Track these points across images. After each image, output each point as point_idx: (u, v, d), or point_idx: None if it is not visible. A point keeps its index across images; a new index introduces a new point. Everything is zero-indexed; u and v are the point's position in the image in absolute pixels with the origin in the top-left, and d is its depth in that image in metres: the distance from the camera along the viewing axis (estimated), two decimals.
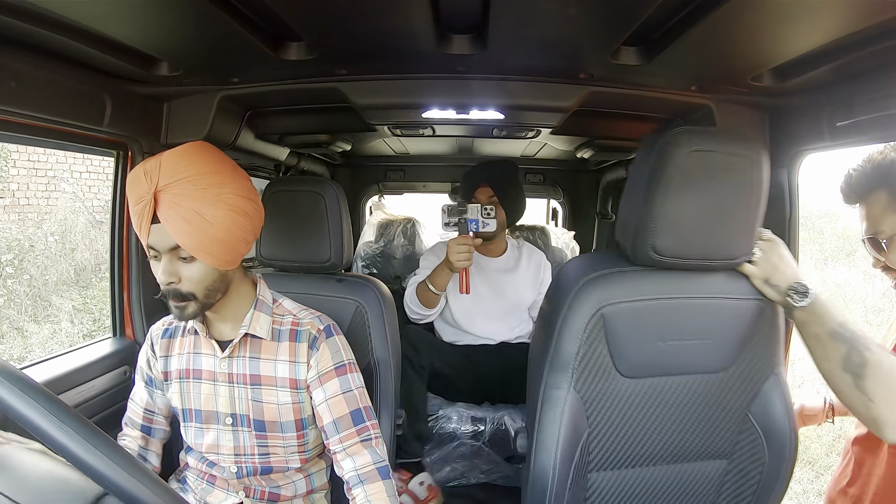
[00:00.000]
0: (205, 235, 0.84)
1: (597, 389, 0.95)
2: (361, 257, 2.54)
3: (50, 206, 5.01)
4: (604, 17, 0.86)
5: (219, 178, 0.85)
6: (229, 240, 0.87)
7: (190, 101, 1.30)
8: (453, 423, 1.63)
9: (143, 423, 1.07)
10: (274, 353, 1.00)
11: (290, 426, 1.01)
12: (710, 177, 0.85)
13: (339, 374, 1.01)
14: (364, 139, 2.02)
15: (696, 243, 0.88)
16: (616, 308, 0.92)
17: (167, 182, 0.82)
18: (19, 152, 4.80)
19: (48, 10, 0.80)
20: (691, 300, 0.94)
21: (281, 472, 1.04)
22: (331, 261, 1.23)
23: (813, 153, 1.23)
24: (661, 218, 0.86)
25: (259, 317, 1.00)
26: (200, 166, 0.84)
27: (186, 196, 0.82)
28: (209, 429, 1.01)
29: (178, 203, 0.82)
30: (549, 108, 1.29)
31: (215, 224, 0.84)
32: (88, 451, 0.45)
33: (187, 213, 0.82)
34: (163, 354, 1.04)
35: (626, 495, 1.02)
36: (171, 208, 0.82)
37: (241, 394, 1.00)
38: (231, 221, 0.86)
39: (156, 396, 1.06)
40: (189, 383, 1.02)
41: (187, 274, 0.87)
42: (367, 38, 1.00)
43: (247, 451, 1.01)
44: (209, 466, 1.05)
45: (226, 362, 0.99)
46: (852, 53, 0.89)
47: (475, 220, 1.51)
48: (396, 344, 1.28)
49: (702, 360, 0.98)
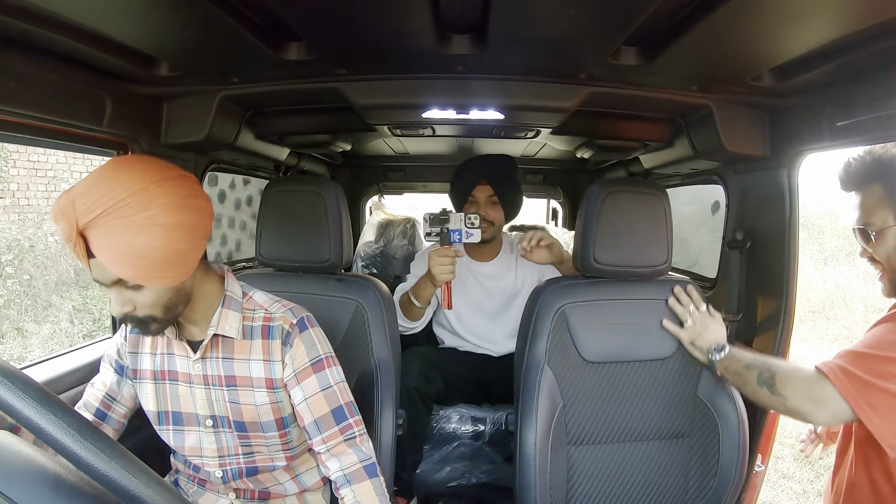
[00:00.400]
0: (146, 261, 0.76)
1: (566, 368, 1.22)
2: (361, 257, 2.54)
3: (50, 206, 5.00)
4: (604, 18, 0.86)
5: (142, 197, 0.75)
6: (173, 258, 0.79)
7: (190, 101, 1.30)
8: (453, 423, 1.63)
9: (99, 407, 1.00)
10: (247, 352, 0.95)
11: (271, 426, 0.97)
12: (625, 210, 1.22)
13: (315, 370, 0.96)
14: (364, 139, 2.02)
15: (623, 255, 1.22)
16: (573, 306, 1.22)
17: (87, 220, 0.73)
18: (19, 152, 4.81)
19: (48, 10, 0.80)
20: (630, 301, 1.26)
21: (268, 473, 1.02)
22: (330, 261, 1.22)
23: (813, 153, 1.23)
24: (598, 239, 1.21)
25: (227, 315, 0.94)
26: (118, 192, 0.74)
27: (112, 229, 0.73)
28: (190, 431, 0.98)
29: (106, 239, 0.74)
30: (549, 108, 1.28)
31: (154, 248, 0.76)
32: (89, 451, 0.45)
33: (119, 245, 0.74)
34: (131, 350, 0.99)
35: (603, 471, 1.24)
36: (101, 245, 0.74)
37: (218, 395, 0.96)
38: (170, 240, 0.77)
39: (123, 386, 1.01)
40: (165, 384, 0.97)
41: (140, 300, 0.81)
42: (367, 38, 1.00)
43: (230, 452, 0.98)
44: (195, 470, 1.03)
45: (199, 364, 0.95)
46: (852, 53, 0.89)
47: (458, 231, 1.42)
48: (397, 344, 1.28)
49: (649, 349, 1.25)
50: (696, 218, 2.05)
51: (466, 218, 1.42)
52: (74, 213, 0.73)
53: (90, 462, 0.45)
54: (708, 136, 1.33)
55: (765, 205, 1.37)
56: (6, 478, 0.46)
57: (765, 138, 1.30)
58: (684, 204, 2.08)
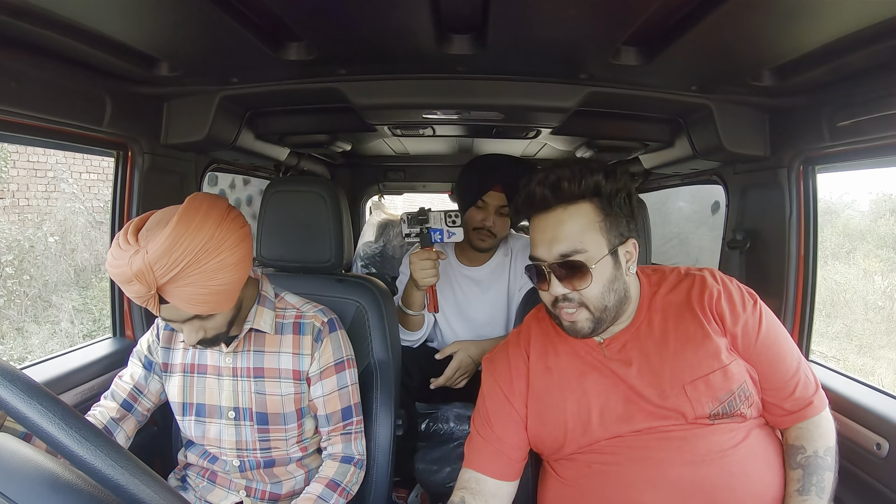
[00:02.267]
0: (219, 296, 0.85)
1: None
2: (361, 257, 2.54)
3: (50, 206, 5.00)
4: (604, 18, 0.86)
5: (212, 244, 0.82)
6: (239, 285, 0.89)
7: (190, 101, 1.30)
8: (451, 423, 1.63)
9: (127, 398, 1.05)
10: (277, 345, 1.03)
11: (292, 416, 1.04)
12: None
13: (337, 370, 1.05)
14: (364, 139, 2.01)
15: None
16: None
17: (166, 279, 0.79)
18: (19, 153, 4.80)
19: (48, 10, 0.80)
20: None
21: (283, 466, 1.06)
22: (331, 261, 1.22)
23: (813, 153, 1.23)
24: None
25: (262, 312, 1.03)
26: (192, 246, 0.80)
27: (191, 279, 0.81)
28: (211, 422, 1.04)
29: (184, 289, 0.81)
30: (550, 108, 1.28)
31: (226, 283, 0.85)
32: (87, 450, 0.45)
33: (196, 290, 0.82)
34: (165, 346, 1.06)
35: None
36: (178, 294, 0.82)
37: (245, 387, 1.02)
38: (237, 272, 0.87)
39: (150, 381, 1.07)
40: (193, 377, 1.04)
41: (211, 325, 0.91)
42: (367, 39, 1.00)
43: (248, 446, 1.03)
44: (211, 462, 1.06)
45: (230, 357, 1.02)
46: (852, 53, 0.89)
47: (439, 230, 1.31)
48: (397, 344, 1.28)
49: None
50: (697, 217, 2.05)
51: (447, 216, 1.30)
52: (154, 276, 0.79)
53: (91, 461, 0.45)
54: (708, 137, 1.33)
55: (765, 205, 1.37)
56: (4, 476, 0.46)
57: (765, 138, 1.30)
58: (685, 203, 2.08)
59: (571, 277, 0.86)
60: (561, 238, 0.86)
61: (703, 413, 0.85)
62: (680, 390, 0.86)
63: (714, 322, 0.90)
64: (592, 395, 0.91)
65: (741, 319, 0.89)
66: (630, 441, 0.87)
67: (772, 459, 0.87)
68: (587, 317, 0.88)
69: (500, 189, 1.45)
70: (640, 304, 0.94)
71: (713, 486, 0.82)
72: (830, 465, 0.86)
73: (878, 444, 1.00)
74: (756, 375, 0.90)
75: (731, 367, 0.87)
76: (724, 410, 0.85)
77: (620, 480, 0.85)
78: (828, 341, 4.81)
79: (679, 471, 0.83)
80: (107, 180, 5.26)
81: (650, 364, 0.89)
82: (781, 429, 0.92)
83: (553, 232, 0.87)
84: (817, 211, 1.29)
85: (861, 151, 1.11)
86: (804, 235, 1.29)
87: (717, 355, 0.87)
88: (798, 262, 1.29)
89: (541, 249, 0.88)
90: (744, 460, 0.84)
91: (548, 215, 0.89)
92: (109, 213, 1.37)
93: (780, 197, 1.29)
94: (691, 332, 0.89)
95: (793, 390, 0.89)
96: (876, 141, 1.03)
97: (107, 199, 4.30)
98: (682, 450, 0.84)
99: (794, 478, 0.85)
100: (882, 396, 1.08)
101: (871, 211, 5.47)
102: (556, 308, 0.90)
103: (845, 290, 5.54)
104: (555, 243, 0.86)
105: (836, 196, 5.75)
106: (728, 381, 0.86)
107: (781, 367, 0.90)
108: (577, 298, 0.87)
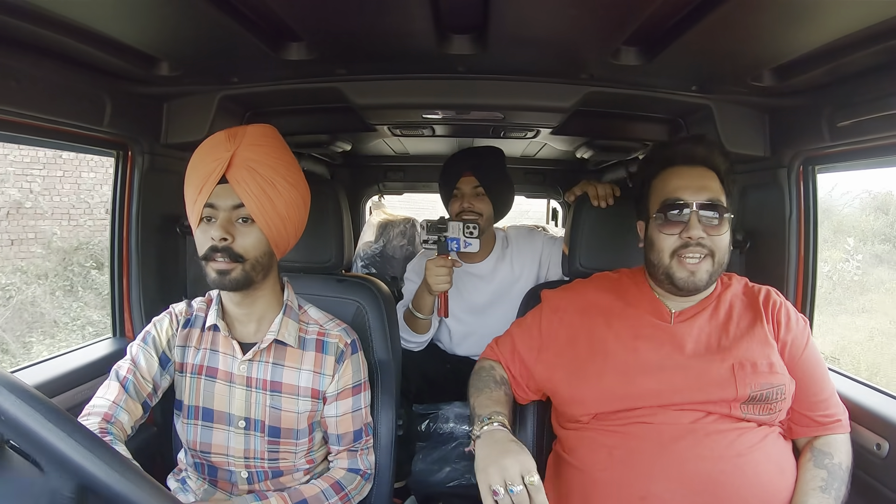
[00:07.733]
0: (271, 203, 0.90)
1: None
2: (361, 257, 2.54)
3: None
4: (604, 17, 0.86)
5: (289, 158, 0.95)
6: (287, 220, 0.93)
7: (190, 101, 1.30)
8: (451, 423, 1.63)
9: (139, 390, 0.96)
10: (299, 361, 1.01)
11: (304, 432, 1.02)
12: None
13: (354, 392, 1.04)
14: (364, 139, 2.01)
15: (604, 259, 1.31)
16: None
17: (250, 144, 0.89)
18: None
19: (48, 10, 0.80)
20: None
21: (290, 475, 1.04)
22: (331, 261, 1.23)
23: (813, 153, 1.23)
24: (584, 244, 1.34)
25: (287, 323, 1.00)
26: (278, 143, 0.94)
27: (263, 163, 0.89)
28: (218, 429, 1.00)
29: (253, 168, 0.89)
30: (549, 108, 1.28)
31: (282, 196, 0.91)
32: (75, 449, 0.45)
33: (261, 178, 0.89)
34: (180, 344, 1.02)
35: None
36: (245, 171, 0.88)
37: (259, 399, 0.99)
38: (294, 200, 0.93)
39: (163, 378, 1.01)
40: (201, 380, 1.00)
41: (241, 236, 0.91)
42: (367, 38, 1.00)
43: (256, 456, 1.00)
44: (210, 472, 1.03)
45: (245, 365, 0.98)
46: (852, 53, 0.89)
47: (456, 240, 1.37)
48: (397, 344, 1.28)
49: None
50: None
51: (465, 227, 1.37)
52: (244, 136, 0.90)
53: (84, 463, 0.45)
54: None
55: (765, 205, 1.37)
56: None
57: (764, 138, 1.30)
58: None
59: (710, 222, 0.93)
60: (708, 187, 0.95)
61: (744, 394, 0.90)
62: (729, 370, 0.91)
63: (772, 325, 0.97)
64: (644, 356, 0.96)
65: (793, 332, 0.97)
66: (661, 416, 0.91)
67: (784, 466, 0.91)
68: (708, 268, 0.94)
69: (469, 174, 1.59)
70: (714, 290, 1.02)
71: (723, 484, 0.84)
72: (846, 482, 0.91)
73: (878, 444, 1.00)
74: (793, 388, 0.94)
75: (777, 366, 0.93)
76: (761, 396, 0.90)
77: (634, 469, 0.88)
78: (822, 334, 4.86)
79: (697, 465, 0.86)
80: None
81: (708, 343, 0.96)
82: (808, 437, 0.96)
83: (701, 181, 0.95)
84: (817, 211, 1.29)
85: (861, 151, 1.11)
86: (804, 235, 1.29)
87: (769, 352, 0.94)
88: (798, 261, 1.29)
89: (686, 193, 0.94)
90: (757, 463, 0.87)
91: (693, 168, 0.97)
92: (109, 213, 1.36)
93: (780, 197, 1.29)
94: (753, 326, 0.97)
95: (825, 406, 0.96)
96: (876, 141, 1.03)
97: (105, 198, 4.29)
98: (703, 445, 0.88)
99: (819, 476, 0.89)
100: (882, 397, 1.08)
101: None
102: (677, 257, 0.94)
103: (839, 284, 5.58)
104: (702, 190, 0.94)
105: (830, 192, 5.73)
106: (772, 376, 0.92)
107: (817, 387, 0.96)
108: (708, 245, 0.93)
